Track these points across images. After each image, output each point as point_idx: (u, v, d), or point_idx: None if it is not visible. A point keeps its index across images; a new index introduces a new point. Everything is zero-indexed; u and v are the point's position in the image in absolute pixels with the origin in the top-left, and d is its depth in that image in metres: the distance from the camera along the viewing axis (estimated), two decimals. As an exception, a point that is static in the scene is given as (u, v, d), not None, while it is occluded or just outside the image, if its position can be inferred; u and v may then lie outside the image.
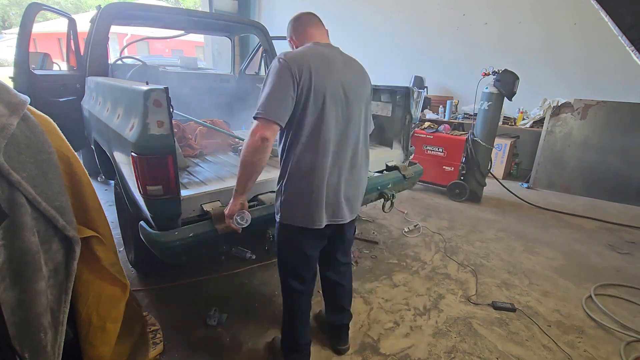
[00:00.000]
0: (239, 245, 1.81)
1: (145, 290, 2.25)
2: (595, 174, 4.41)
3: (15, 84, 2.77)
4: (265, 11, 8.41)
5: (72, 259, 1.15)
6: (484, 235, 3.24)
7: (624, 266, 2.79)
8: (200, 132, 2.63)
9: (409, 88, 2.61)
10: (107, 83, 2.16)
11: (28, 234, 0.97)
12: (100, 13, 2.70)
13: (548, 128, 4.63)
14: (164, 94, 1.40)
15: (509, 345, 1.90)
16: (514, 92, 3.70)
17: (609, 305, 2.26)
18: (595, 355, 1.85)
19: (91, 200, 1.34)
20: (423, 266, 2.66)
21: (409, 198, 4.16)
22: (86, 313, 1.32)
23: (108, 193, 3.80)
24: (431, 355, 1.81)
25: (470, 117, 5.02)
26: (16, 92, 1.02)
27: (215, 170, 2.08)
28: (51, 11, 3.19)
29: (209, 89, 3.91)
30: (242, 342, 1.85)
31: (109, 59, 2.94)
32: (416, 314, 2.13)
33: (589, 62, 4.79)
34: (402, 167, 2.60)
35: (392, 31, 6.50)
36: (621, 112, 4.19)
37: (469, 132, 4.08)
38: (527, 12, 5.16)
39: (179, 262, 1.61)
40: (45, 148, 1.06)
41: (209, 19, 3.66)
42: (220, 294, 2.23)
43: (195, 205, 1.67)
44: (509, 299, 2.30)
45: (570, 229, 3.48)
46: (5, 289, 0.95)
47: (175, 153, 1.47)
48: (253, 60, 4.41)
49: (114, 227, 2.02)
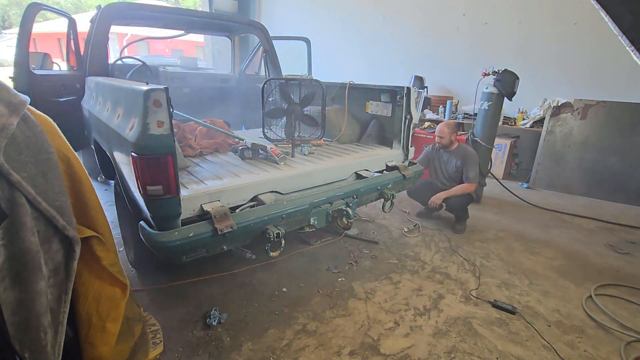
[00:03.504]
0: (238, 245, 1.81)
1: (145, 290, 2.25)
2: (595, 174, 4.41)
3: (15, 84, 2.77)
4: (265, 11, 8.41)
5: (72, 259, 1.15)
6: (484, 235, 3.24)
7: (624, 266, 2.79)
8: (200, 132, 2.63)
9: (409, 88, 2.61)
10: (107, 83, 2.16)
11: (28, 234, 0.97)
12: (100, 13, 2.70)
13: (548, 128, 4.63)
14: (164, 94, 1.40)
15: (509, 345, 1.90)
16: (514, 92, 3.70)
17: (609, 305, 2.26)
18: (595, 355, 1.85)
19: (91, 200, 1.34)
20: (423, 266, 2.66)
21: (409, 198, 4.15)
22: (86, 313, 1.33)
23: (108, 193, 3.80)
24: (431, 355, 1.81)
25: (470, 117, 5.01)
26: (16, 92, 1.02)
27: (215, 170, 2.08)
28: (51, 11, 3.19)
29: (209, 89, 3.91)
30: (242, 342, 1.85)
31: (109, 59, 2.94)
32: (416, 314, 2.13)
33: (589, 62, 4.79)
34: (402, 167, 2.60)
35: (393, 31, 6.50)
36: (621, 112, 4.19)
37: (469, 132, 4.08)
38: (527, 12, 5.16)
39: (179, 262, 1.61)
40: (45, 148, 1.06)
41: (209, 19, 3.66)
42: (220, 294, 2.23)
43: (195, 205, 1.67)
44: (509, 299, 2.30)
45: (570, 229, 3.48)
46: (5, 289, 0.95)
47: (175, 153, 1.47)
48: (253, 60, 4.40)
49: (114, 227, 2.03)
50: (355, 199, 2.22)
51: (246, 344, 1.83)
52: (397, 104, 2.69)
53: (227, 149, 2.56)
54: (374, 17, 6.65)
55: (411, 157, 2.81)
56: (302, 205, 1.93)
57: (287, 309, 2.11)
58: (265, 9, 8.42)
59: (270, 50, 3.78)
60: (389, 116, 2.78)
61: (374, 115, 2.91)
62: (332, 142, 2.88)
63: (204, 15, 3.88)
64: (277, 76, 3.61)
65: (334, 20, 7.09)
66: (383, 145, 2.84)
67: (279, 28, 7.48)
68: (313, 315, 2.07)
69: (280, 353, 1.79)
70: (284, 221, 1.86)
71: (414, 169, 2.68)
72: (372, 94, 2.89)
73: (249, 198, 1.86)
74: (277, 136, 2.55)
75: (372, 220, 3.47)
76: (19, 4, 22.02)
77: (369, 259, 2.73)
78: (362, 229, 3.23)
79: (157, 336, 1.79)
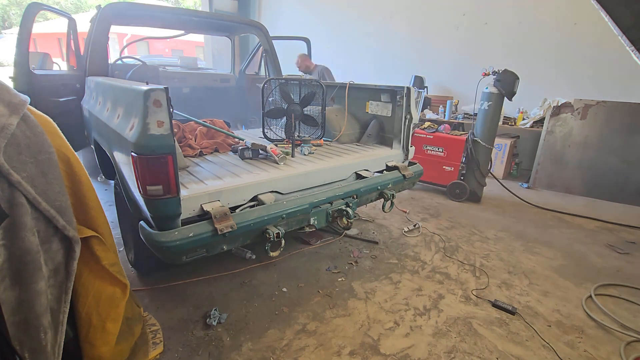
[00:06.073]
0: (239, 245, 1.81)
1: (145, 290, 2.25)
2: (595, 174, 4.41)
3: (15, 84, 2.77)
4: (265, 11, 8.41)
5: (72, 259, 1.15)
6: (484, 235, 3.24)
7: (624, 266, 2.79)
8: (200, 132, 2.63)
9: (409, 88, 2.61)
10: (107, 83, 2.16)
11: (28, 233, 0.97)
12: (100, 13, 2.70)
13: (548, 128, 4.63)
14: (164, 94, 1.40)
15: (509, 345, 1.90)
16: (514, 92, 3.70)
17: (609, 305, 2.26)
18: (595, 355, 1.85)
19: (91, 200, 1.34)
20: (423, 266, 2.66)
21: (409, 198, 4.16)
22: (86, 313, 1.33)
23: (108, 193, 3.80)
24: (431, 355, 1.81)
25: (470, 117, 5.02)
26: (16, 92, 1.02)
27: (215, 170, 2.08)
28: (51, 11, 3.19)
29: (209, 89, 3.91)
30: (242, 342, 1.85)
31: (109, 59, 2.94)
32: (416, 314, 2.13)
33: (589, 62, 4.79)
34: (402, 167, 2.60)
35: (393, 31, 6.50)
36: (621, 112, 4.19)
37: (469, 132, 4.08)
38: (527, 12, 5.17)
39: (179, 262, 1.61)
40: (45, 148, 1.06)
41: (209, 19, 3.66)
42: (220, 294, 2.23)
43: (195, 205, 1.67)
44: (509, 298, 2.30)
45: (570, 229, 3.48)
46: (5, 289, 0.96)
47: (175, 153, 1.47)
48: (253, 60, 4.41)
49: (114, 227, 2.03)
50: (355, 199, 2.23)
51: (246, 344, 1.83)
52: (397, 104, 2.69)
53: (227, 149, 2.57)
54: (374, 16, 6.65)
55: (411, 157, 2.81)
56: (302, 205, 1.93)
57: (287, 309, 2.11)
58: (265, 9, 8.43)
59: (270, 50, 3.78)
60: (389, 116, 2.78)
61: (374, 115, 2.91)
62: (332, 142, 2.89)
63: (204, 15, 3.88)
64: (277, 76, 3.62)
65: (334, 20, 7.10)
66: (383, 145, 2.84)
67: (279, 28, 7.49)
68: (313, 315, 2.07)
69: (280, 353, 1.79)
70: (284, 221, 1.86)
71: (414, 169, 2.68)
72: (372, 94, 2.89)
73: (249, 198, 1.86)
74: (277, 136, 2.55)
75: (372, 220, 3.47)
76: (19, 4, 22.03)
77: (369, 259, 2.73)
78: (362, 229, 3.23)
79: (157, 336, 1.79)
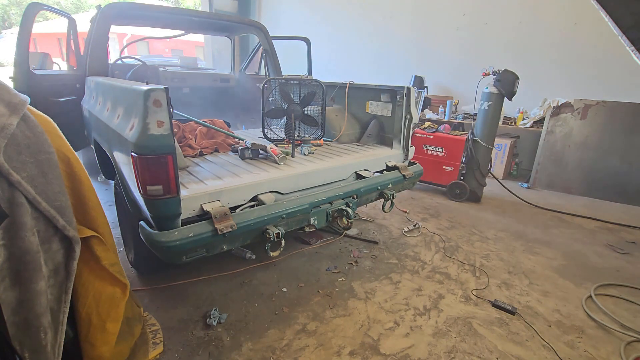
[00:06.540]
0: (239, 245, 1.81)
1: (145, 290, 2.25)
2: (595, 174, 4.41)
3: (15, 84, 2.77)
4: (265, 11, 8.41)
5: (72, 259, 1.15)
6: (484, 235, 3.24)
7: (624, 266, 2.79)
8: (200, 132, 2.63)
9: (409, 88, 2.61)
10: (107, 83, 2.16)
11: (28, 233, 0.97)
12: (100, 13, 2.70)
13: (548, 128, 4.63)
14: (164, 94, 1.40)
15: (509, 345, 1.90)
16: (514, 92, 3.70)
17: (609, 305, 2.26)
18: (595, 355, 1.85)
19: (91, 200, 1.34)
20: (423, 266, 2.66)
21: (409, 198, 4.16)
22: (86, 313, 1.33)
23: (108, 193, 3.80)
24: (431, 355, 1.81)
25: (470, 117, 5.02)
26: (16, 92, 1.02)
27: (215, 170, 2.08)
28: (51, 11, 3.19)
29: (209, 89, 3.91)
30: (242, 342, 1.85)
31: (109, 59, 2.94)
32: (416, 314, 2.13)
33: (589, 62, 4.79)
34: (402, 167, 2.60)
35: (393, 31, 6.50)
36: (621, 112, 4.19)
37: (469, 132, 4.08)
38: (527, 12, 5.16)
39: (179, 262, 1.61)
40: (45, 148, 1.06)
41: (209, 19, 3.65)
42: (220, 294, 2.23)
43: (195, 205, 1.67)
44: (509, 298, 2.30)
45: (570, 229, 3.48)
46: (5, 289, 0.96)
47: (175, 153, 1.47)
48: (253, 60, 4.41)
49: (114, 227, 2.03)
50: (355, 199, 2.23)
51: (246, 344, 1.83)
52: (397, 104, 2.69)
53: (227, 149, 2.57)
54: (375, 16, 6.65)
55: (411, 157, 2.81)
56: (302, 205, 1.93)
57: (287, 309, 2.11)
58: (265, 9, 8.43)
59: (270, 50, 3.78)
60: (389, 116, 2.78)
61: (374, 115, 2.91)
62: (332, 142, 2.89)
63: (204, 15, 3.88)
64: (277, 76, 3.62)
65: (335, 20, 7.10)
66: (383, 145, 2.84)
67: (279, 28, 7.49)
68: (313, 315, 2.07)
69: (280, 353, 1.79)
70: (284, 221, 1.86)
71: (414, 169, 2.68)
72: (372, 94, 2.89)
73: (249, 198, 1.86)
74: (277, 136, 2.55)
75: (372, 220, 3.47)
76: (19, 4, 22.03)
77: (369, 259, 2.73)
78: (362, 229, 3.23)
79: (157, 336, 1.79)
